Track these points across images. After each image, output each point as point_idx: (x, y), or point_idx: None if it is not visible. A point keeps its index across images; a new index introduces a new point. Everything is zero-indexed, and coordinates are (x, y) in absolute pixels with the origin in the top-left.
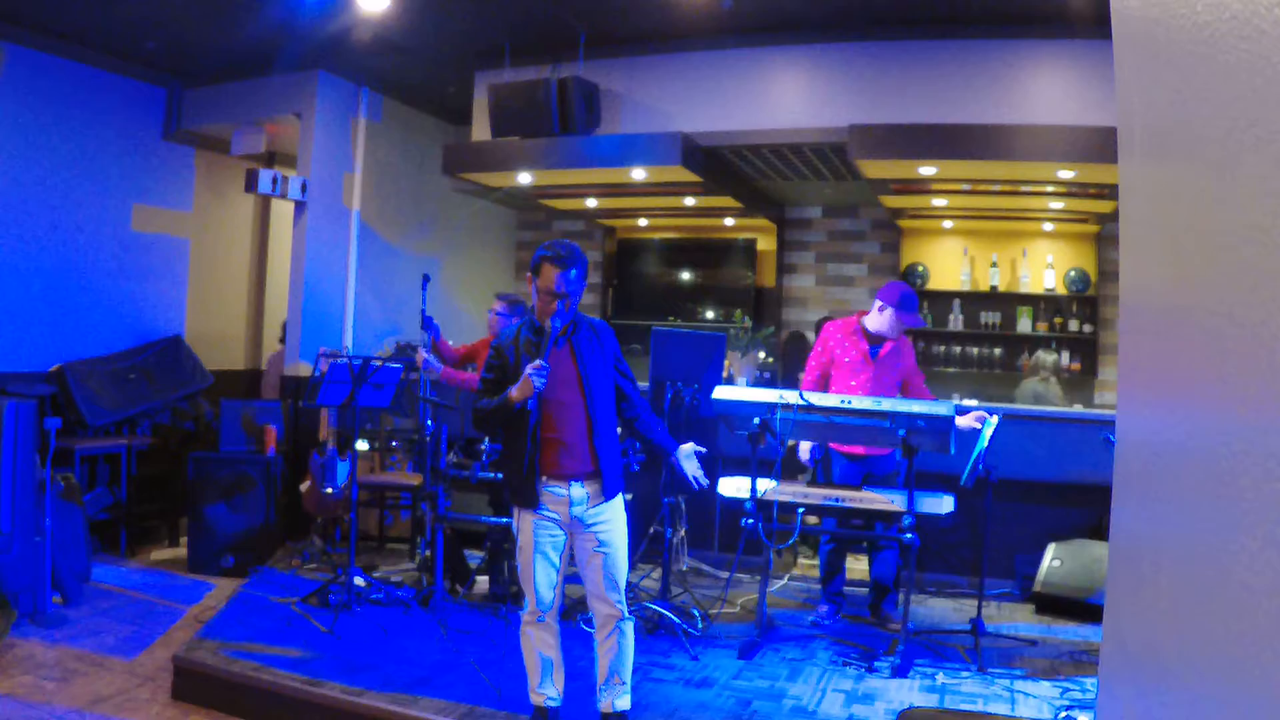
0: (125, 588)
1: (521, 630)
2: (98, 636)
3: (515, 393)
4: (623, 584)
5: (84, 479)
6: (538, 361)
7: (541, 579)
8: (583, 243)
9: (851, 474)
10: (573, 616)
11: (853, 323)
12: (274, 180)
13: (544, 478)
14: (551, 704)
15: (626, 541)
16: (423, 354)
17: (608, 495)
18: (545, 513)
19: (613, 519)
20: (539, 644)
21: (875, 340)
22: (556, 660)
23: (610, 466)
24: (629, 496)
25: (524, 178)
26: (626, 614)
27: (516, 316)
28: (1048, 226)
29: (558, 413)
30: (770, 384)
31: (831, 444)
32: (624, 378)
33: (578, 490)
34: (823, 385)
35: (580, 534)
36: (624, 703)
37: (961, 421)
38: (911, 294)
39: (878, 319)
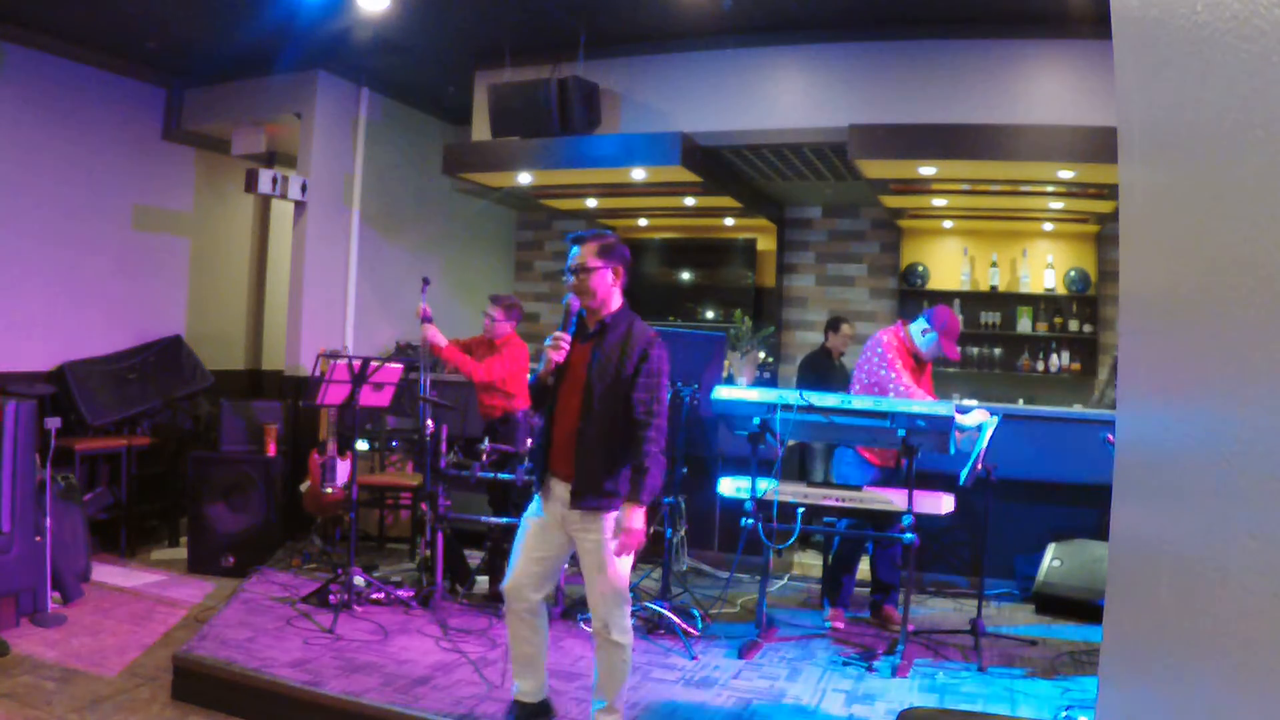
0: (125, 588)
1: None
2: (98, 636)
3: (543, 367)
4: (610, 609)
5: (84, 479)
6: (559, 332)
7: (513, 556)
8: None
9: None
10: (572, 616)
11: (903, 340)
12: (274, 180)
13: (550, 468)
14: (525, 698)
15: (615, 567)
16: (423, 305)
17: (581, 506)
18: (545, 501)
19: (594, 536)
20: (512, 636)
21: (918, 360)
22: (532, 655)
23: (588, 478)
24: None
25: (524, 178)
26: (615, 639)
27: (514, 320)
28: (1048, 226)
29: (562, 409)
30: (770, 384)
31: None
32: (635, 395)
33: (560, 489)
34: None
35: (573, 536)
36: (608, 719)
37: (966, 420)
38: (958, 325)
39: (922, 340)
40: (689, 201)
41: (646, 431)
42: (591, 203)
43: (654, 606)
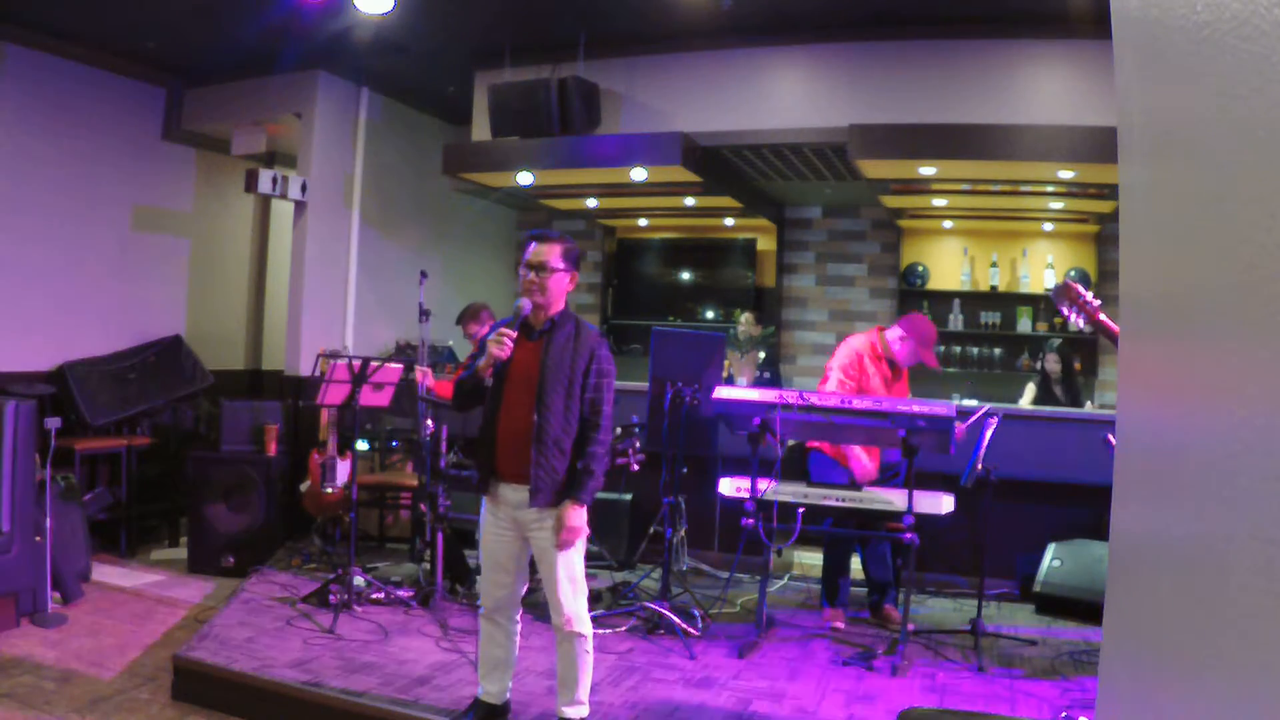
0: (125, 588)
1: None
2: (98, 636)
3: (483, 361)
4: (569, 601)
5: (84, 479)
6: (503, 328)
7: (485, 574)
8: (583, 243)
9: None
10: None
11: (876, 346)
12: (274, 180)
13: (497, 471)
14: (488, 699)
15: (572, 559)
16: (421, 369)
17: (539, 503)
18: (494, 508)
19: (550, 532)
20: (484, 638)
21: (893, 367)
22: (501, 658)
23: (547, 476)
24: (628, 497)
25: (524, 178)
26: (577, 630)
27: (489, 322)
28: (1048, 226)
29: (509, 409)
30: (771, 384)
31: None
32: (585, 394)
33: (512, 493)
34: None
35: (528, 536)
36: (574, 712)
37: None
38: (934, 332)
39: (898, 347)
40: (689, 201)
41: (596, 434)
42: (591, 203)
43: (654, 606)
